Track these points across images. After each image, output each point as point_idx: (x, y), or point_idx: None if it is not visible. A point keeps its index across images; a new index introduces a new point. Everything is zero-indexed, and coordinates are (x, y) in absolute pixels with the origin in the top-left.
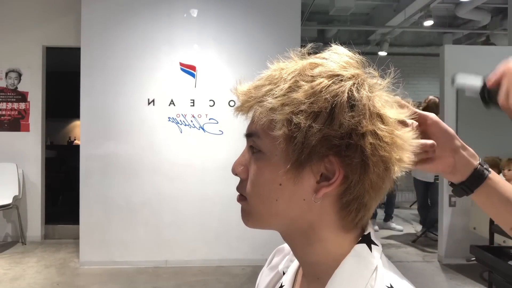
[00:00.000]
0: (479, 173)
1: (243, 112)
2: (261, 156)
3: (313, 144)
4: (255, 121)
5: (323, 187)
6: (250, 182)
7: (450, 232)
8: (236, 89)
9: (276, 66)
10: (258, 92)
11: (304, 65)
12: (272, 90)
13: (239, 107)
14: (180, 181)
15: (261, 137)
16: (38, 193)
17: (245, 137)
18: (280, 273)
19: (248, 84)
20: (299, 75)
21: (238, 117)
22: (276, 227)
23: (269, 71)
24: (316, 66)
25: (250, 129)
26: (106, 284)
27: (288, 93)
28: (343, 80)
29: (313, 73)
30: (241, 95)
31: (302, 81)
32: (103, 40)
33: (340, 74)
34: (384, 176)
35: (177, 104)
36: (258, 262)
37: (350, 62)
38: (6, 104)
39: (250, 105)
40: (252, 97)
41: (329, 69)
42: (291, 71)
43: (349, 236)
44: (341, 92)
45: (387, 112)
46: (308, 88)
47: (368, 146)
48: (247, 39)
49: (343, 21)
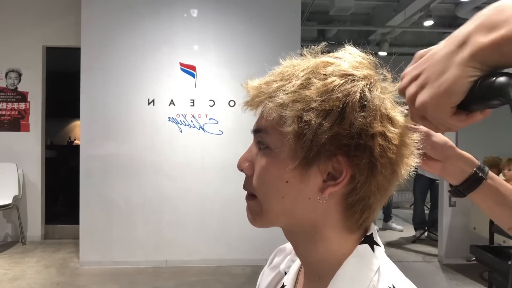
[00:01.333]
0: (473, 180)
1: (252, 107)
2: (269, 152)
3: (322, 142)
4: (264, 117)
5: (329, 186)
6: (256, 179)
7: (450, 232)
8: (247, 84)
9: (288, 63)
10: (269, 88)
11: (317, 63)
12: (283, 86)
13: (249, 101)
14: (180, 181)
15: (270, 133)
16: (38, 193)
17: (253, 132)
18: (282, 273)
19: (259, 79)
20: (312, 72)
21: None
22: (280, 224)
23: (281, 67)
24: (329, 65)
25: (258, 125)
26: (106, 284)
27: (299, 90)
28: (356, 80)
29: (325, 72)
30: (251, 90)
31: (315, 79)
32: (103, 40)
33: (353, 74)
34: (391, 179)
35: (177, 104)
36: (258, 262)
37: (362, 63)
38: (6, 104)
39: (259, 100)
40: (262, 92)
41: (342, 69)
42: (303, 68)
43: (352, 236)
44: (353, 91)
45: (397, 115)
46: (320, 86)
47: (377, 147)
48: (247, 39)
49: (343, 21)
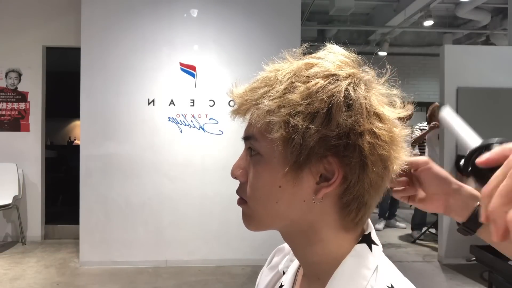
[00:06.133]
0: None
1: (240, 115)
2: (260, 159)
3: (311, 146)
4: (252, 124)
5: (323, 188)
6: (249, 185)
7: (450, 232)
8: (232, 92)
9: (271, 68)
10: (254, 95)
11: (299, 66)
12: (268, 92)
13: (236, 110)
14: (180, 181)
15: (259, 140)
16: (38, 193)
17: (243, 140)
18: (280, 272)
19: (244, 86)
20: (295, 76)
21: (236, 120)
22: (277, 228)
23: (264, 73)
24: (311, 67)
25: (247, 132)
26: (106, 284)
27: (284, 95)
28: (339, 79)
29: (308, 74)
30: (237, 97)
31: (298, 82)
32: (103, 40)
33: (336, 73)
34: (383, 175)
35: (177, 104)
36: (258, 262)
37: (345, 61)
38: (6, 104)
39: (246, 108)
40: (248, 99)
41: (324, 69)
42: (286, 72)
43: (349, 236)
44: (337, 92)
45: (385, 111)
46: (304, 89)
47: (366, 145)
48: (247, 39)
49: (343, 21)
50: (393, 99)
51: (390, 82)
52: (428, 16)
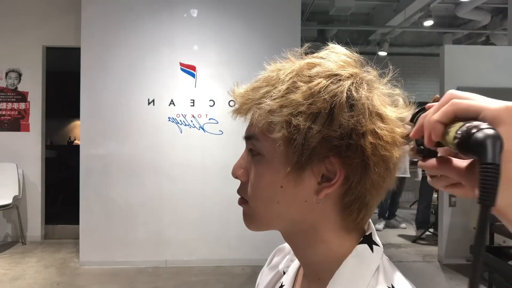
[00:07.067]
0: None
1: (241, 115)
2: (261, 159)
3: (313, 146)
4: (254, 124)
5: (324, 188)
6: (250, 185)
7: (450, 232)
8: (233, 91)
9: (273, 67)
10: (256, 94)
11: (301, 66)
12: (270, 91)
13: (237, 109)
14: (180, 181)
15: (260, 139)
16: (38, 193)
17: (244, 139)
18: (281, 272)
19: (245, 85)
20: (297, 75)
21: (237, 119)
22: (277, 228)
23: (266, 72)
24: (313, 66)
25: (248, 132)
26: (106, 284)
27: (286, 95)
28: (342, 79)
29: (310, 73)
30: (238, 97)
31: (300, 82)
32: (103, 40)
33: (338, 73)
34: (385, 175)
35: (177, 104)
36: (258, 262)
37: (348, 61)
38: (6, 104)
39: (248, 108)
40: (249, 99)
41: (327, 69)
42: (288, 72)
43: (350, 236)
44: (339, 92)
45: (387, 111)
46: (306, 89)
47: (369, 145)
48: (247, 39)
49: (343, 21)
50: (395, 99)
51: (392, 82)
52: (428, 16)
